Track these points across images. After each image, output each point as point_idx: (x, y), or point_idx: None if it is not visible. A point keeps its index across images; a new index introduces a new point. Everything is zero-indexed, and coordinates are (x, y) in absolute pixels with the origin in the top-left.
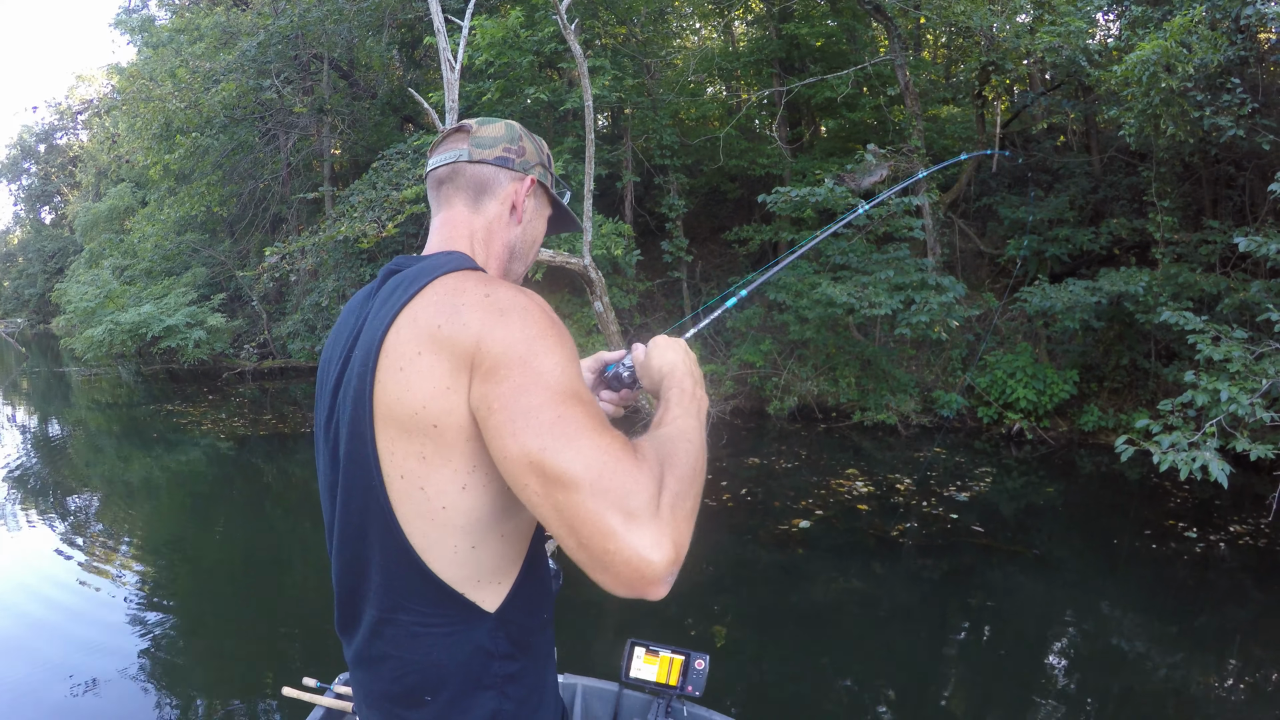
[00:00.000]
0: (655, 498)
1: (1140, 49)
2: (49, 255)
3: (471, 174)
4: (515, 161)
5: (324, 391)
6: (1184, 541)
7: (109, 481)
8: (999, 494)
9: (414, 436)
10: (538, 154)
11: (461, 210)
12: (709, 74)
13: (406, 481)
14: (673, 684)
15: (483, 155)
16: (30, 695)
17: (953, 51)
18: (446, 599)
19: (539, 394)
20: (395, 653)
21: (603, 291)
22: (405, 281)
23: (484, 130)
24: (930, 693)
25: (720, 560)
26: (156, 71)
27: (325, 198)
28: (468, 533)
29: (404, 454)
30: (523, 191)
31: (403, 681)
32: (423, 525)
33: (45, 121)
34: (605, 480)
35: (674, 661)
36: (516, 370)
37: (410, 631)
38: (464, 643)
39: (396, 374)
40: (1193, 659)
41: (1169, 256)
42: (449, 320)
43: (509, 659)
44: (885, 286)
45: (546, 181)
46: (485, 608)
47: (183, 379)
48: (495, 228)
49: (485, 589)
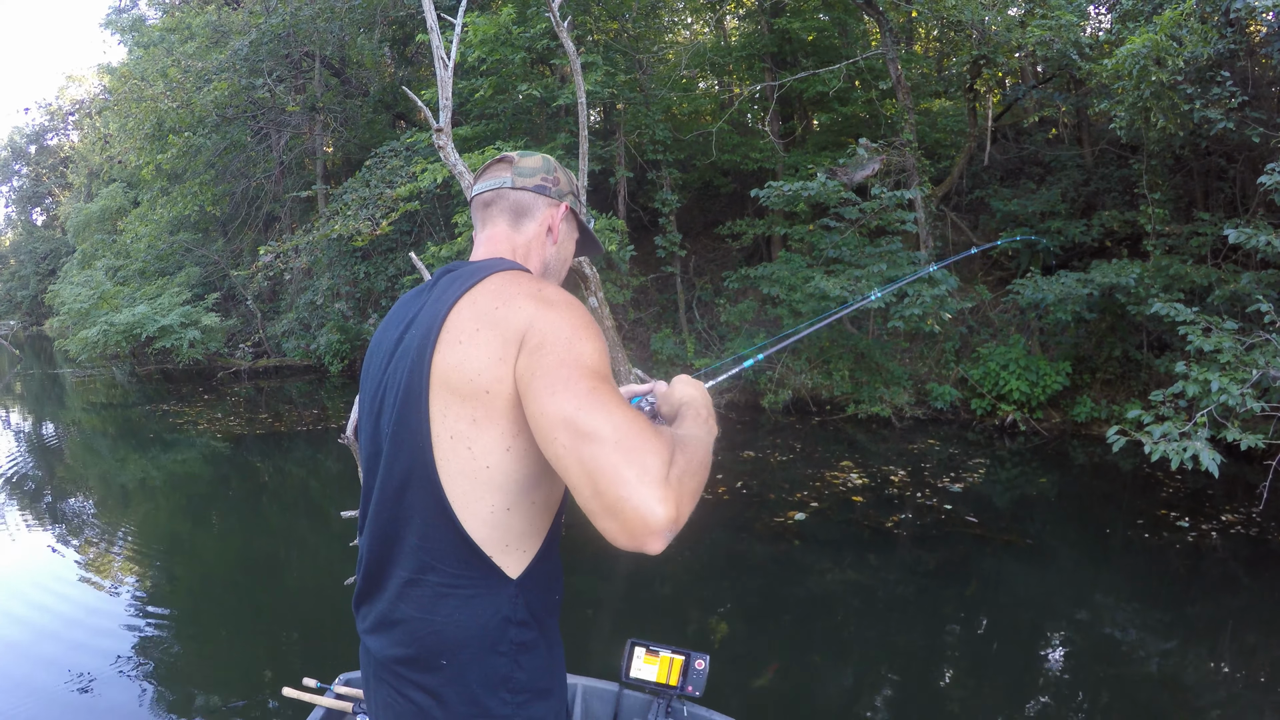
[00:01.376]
0: (667, 464)
1: (1131, 42)
2: (41, 257)
3: (514, 199)
4: (552, 190)
5: (371, 371)
6: (1176, 531)
7: (105, 482)
8: (993, 485)
9: (467, 401)
10: (570, 184)
11: (504, 229)
12: (701, 69)
13: (455, 441)
14: (673, 684)
15: (524, 183)
16: (30, 696)
17: (944, 45)
18: (475, 559)
19: (577, 369)
20: (418, 614)
21: (597, 287)
22: (464, 275)
23: (525, 162)
24: (926, 682)
25: (716, 553)
26: (148, 71)
27: (318, 196)
28: (505, 492)
29: (456, 416)
30: (558, 216)
31: (422, 643)
32: (464, 484)
33: (36, 123)
34: (627, 441)
35: (674, 661)
36: (560, 348)
37: (437, 591)
38: (486, 606)
39: (456, 346)
40: (1186, 647)
41: (1160, 248)
42: (505, 304)
43: (524, 626)
44: (878, 279)
45: (577, 209)
46: (509, 573)
47: (177, 379)
48: (533, 246)
49: (511, 555)
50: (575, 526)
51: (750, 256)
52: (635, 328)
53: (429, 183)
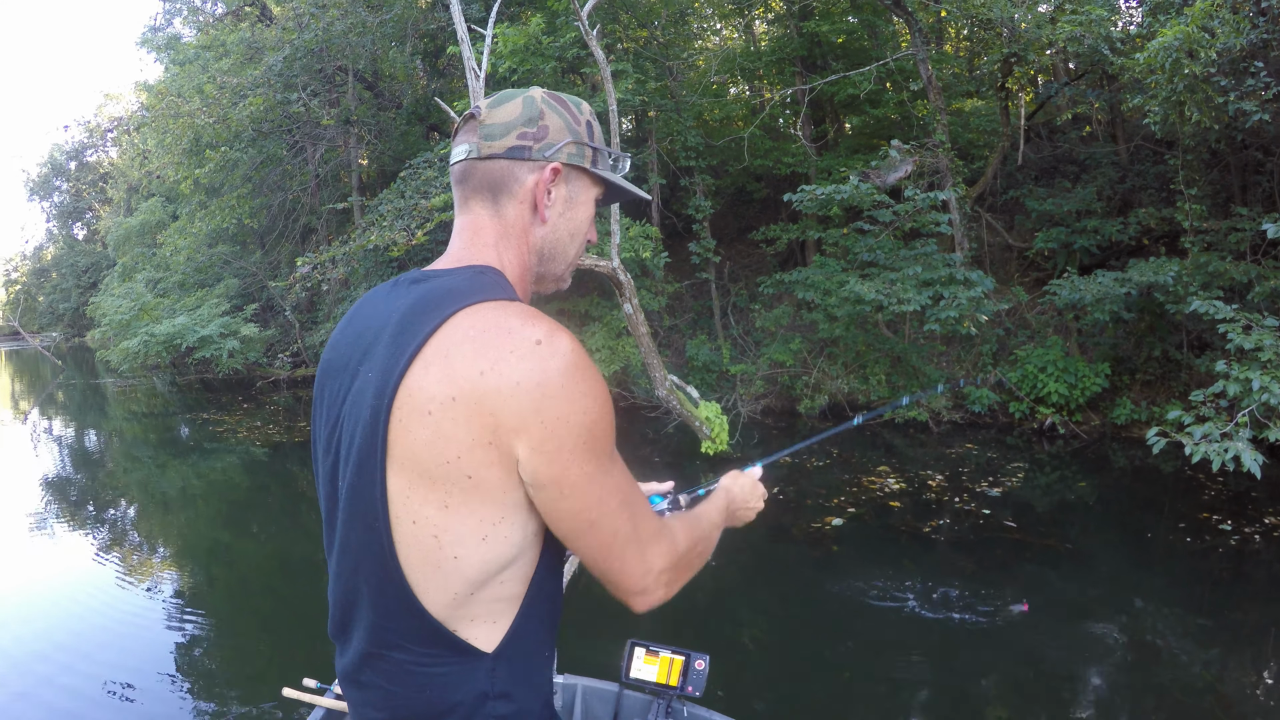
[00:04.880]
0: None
1: (1162, 35)
2: (82, 270)
3: (483, 173)
4: (533, 149)
5: (325, 397)
6: (1218, 534)
7: (146, 489)
8: (1031, 489)
9: (439, 485)
10: (568, 127)
11: (481, 215)
12: (731, 74)
13: (419, 527)
14: (673, 684)
15: (492, 149)
16: (63, 694)
17: (974, 44)
18: (442, 640)
19: (595, 467)
20: (386, 685)
21: (632, 294)
22: (430, 304)
23: (495, 115)
24: (963, 688)
25: (753, 558)
26: (184, 88)
27: (354, 207)
28: (475, 580)
29: (422, 500)
30: (543, 184)
31: (394, 711)
32: (426, 571)
33: (75, 140)
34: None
35: (674, 662)
36: (576, 443)
37: (403, 669)
38: (460, 683)
39: (424, 417)
40: (1229, 654)
41: (1198, 245)
42: (491, 368)
43: (505, 699)
44: (913, 282)
45: (582, 160)
46: (482, 648)
47: (217, 388)
48: (516, 231)
49: (482, 628)
50: None
51: (785, 261)
52: (670, 334)
53: None
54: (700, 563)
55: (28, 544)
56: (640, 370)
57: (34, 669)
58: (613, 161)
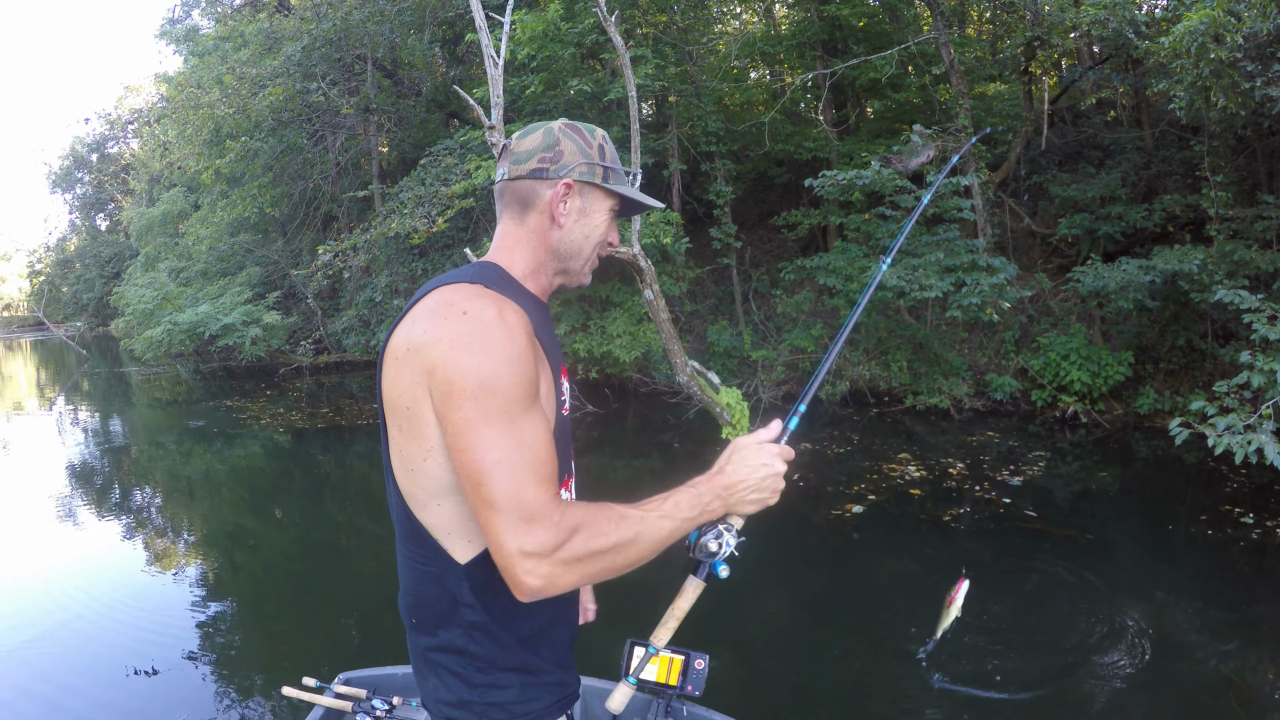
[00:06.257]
0: (557, 544)
1: (1188, 19)
2: (106, 260)
3: (513, 191)
4: (550, 170)
5: None
6: (1240, 527)
7: (170, 475)
8: (1053, 478)
9: (397, 413)
10: (580, 151)
11: (509, 224)
12: (751, 59)
13: (394, 443)
14: (672, 684)
15: (519, 171)
16: (85, 678)
17: (997, 27)
18: (427, 542)
19: (484, 432)
20: (403, 572)
21: (653, 280)
22: (431, 285)
23: (521, 145)
24: (980, 678)
25: (773, 546)
26: (204, 79)
27: (375, 195)
28: (433, 493)
29: (392, 423)
30: (557, 197)
31: (405, 598)
32: (405, 479)
33: (97, 132)
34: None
35: (674, 661)
36: (469, 403)
37: (407, 561)
38: (437, 582)
39: (394, 362)
40: (1248, 648)
41: (1224, 233)
42: (427, 329)
43: (471, 608)
44: (936, 269)
45: (593, 178)
46: (456, 558)
47: (240, 375)
48: (535, 237)
49: (456, 542)
50: None
51: (806, 247)
52: (692, 320)
53: (483, 180)
54: (624, 563)
55: (54, 528)
56: (661, 356)
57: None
58: (631, 179)
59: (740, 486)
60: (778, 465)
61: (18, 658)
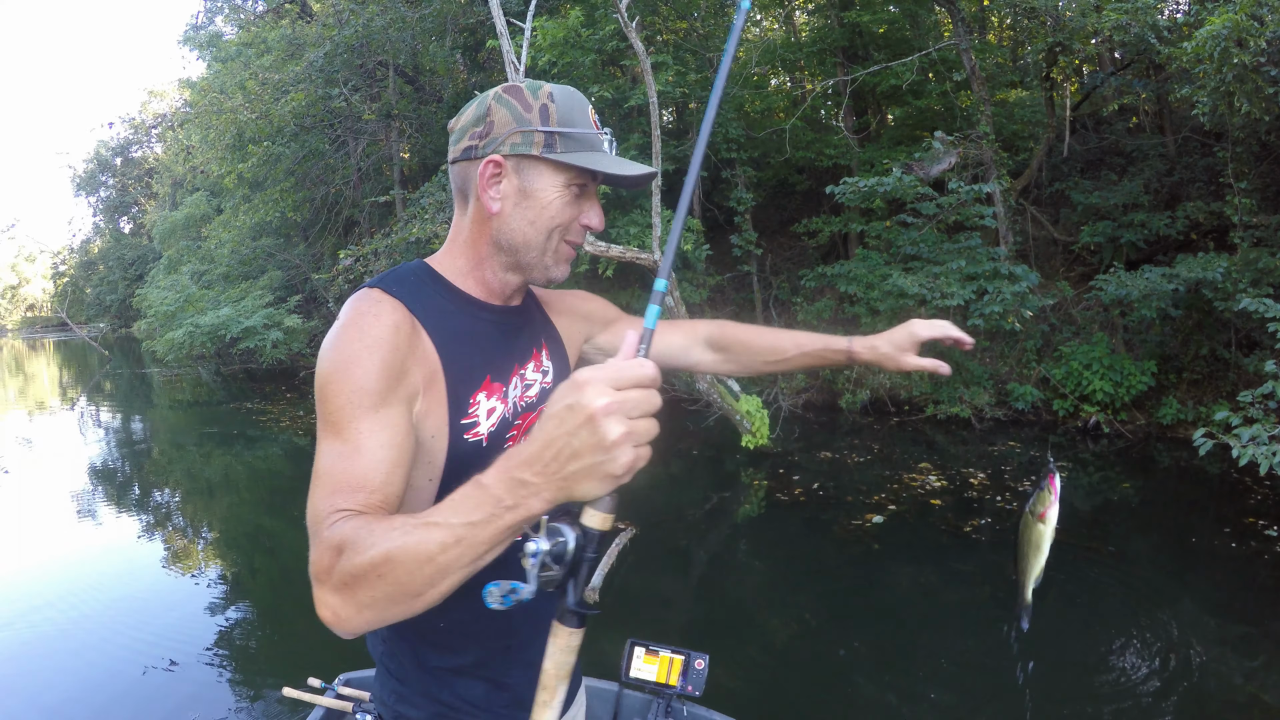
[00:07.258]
0: (328, 567)
1: (1210, 24)
2: (129, 263)
3: (453, 177)
4: (478, 147)
5: None
6: (1264, 540)
7: (190, 476)
8: (1074, 489)
9: None
10: (514, 117)
11: (456, 215)
12: (772, 65)
13: None
14: (672, 684)
15: (454, 154)
16: (99, 673)
17: (1018, 33)
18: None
19: (319, 443)
20: None
21: (673, 286)
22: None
23: (458, 123)
24: (997, 690)
25: (793, 555)
26: (226, 84)
27: (396, 200)
28: None
29: None
30: (483, 180)
31: None
32: None
33: (120, 136)
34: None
35: (674, 661)
36: (319, 405)
37: None
38: None
39: None
40: (1271, 664)
41: (1248, 240)
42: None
43: None
44: (957, 276)
45: (530, 148)
46: None
47: (261, 378)
48: (475, 228)
49: None
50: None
51: (827, 254)
52: None
53: None
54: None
55: (74, 526)
56: None
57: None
58: (606, 144)
59: (544, 457)
60: (589, 399)
61: (36, 650)
